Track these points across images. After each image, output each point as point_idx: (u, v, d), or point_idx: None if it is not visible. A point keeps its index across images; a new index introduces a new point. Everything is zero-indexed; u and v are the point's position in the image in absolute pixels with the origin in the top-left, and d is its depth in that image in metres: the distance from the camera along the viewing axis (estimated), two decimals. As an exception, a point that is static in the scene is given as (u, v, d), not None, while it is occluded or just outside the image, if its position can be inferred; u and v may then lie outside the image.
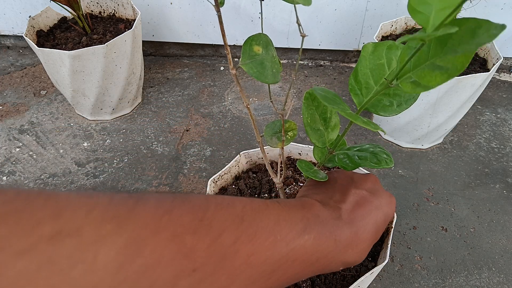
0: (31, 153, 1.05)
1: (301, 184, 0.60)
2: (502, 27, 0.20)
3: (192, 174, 0.99)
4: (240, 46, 1.42)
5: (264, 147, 0.59)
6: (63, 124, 1.15)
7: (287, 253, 0.26)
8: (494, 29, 0.20)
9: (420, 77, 0.23)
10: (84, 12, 1.16)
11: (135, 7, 1.10)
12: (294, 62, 1.46)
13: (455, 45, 0.21)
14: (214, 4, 0.24)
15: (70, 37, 1.07)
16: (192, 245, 0.22)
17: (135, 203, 0.21)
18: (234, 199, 0.27)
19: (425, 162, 1.04)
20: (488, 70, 0.96)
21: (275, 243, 0.26)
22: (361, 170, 0.61)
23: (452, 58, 0.21)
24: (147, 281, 0.19)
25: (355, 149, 0.37)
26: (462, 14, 1.12)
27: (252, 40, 0.29)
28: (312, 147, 0.64)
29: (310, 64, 1.44)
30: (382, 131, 0.26)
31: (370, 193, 0.36)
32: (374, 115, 1.18)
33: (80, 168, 1.01)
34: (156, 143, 1.09)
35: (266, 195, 0.59)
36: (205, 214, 0.23)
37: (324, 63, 1.45)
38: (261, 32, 0.31)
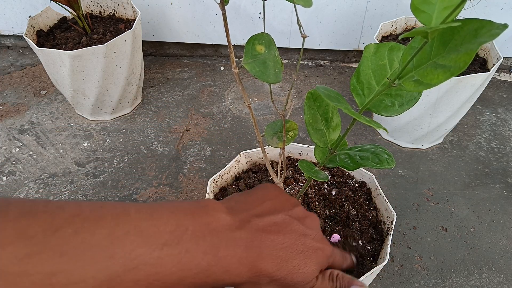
0: (31, 153, 1.05)
1: (301, 184, 0.60)
2: (504, 26, 0.20)
3: (192, 174, 0.99)
4: (240, 46, 1.42)
5: (265, 147, 0.59)
6: (63, 124, 1.15)
7: (124, 272, 0.23)
8: (496, 28, 0.20)
9: (422, 76, 0.23)
10: (84, 12, 1.16)
11: (135, 7, 1.10)
12: (295, 62, 1.46)
13: (457, 45, 0.21)
14: (218, 2, 0.24)
15: (70, 37, 1.07)
16: None
17: None
18: (69, 206, 0.23)
19: (425, 162, 1.04)
20: (488, 70, 0.96)
21: (106, 261, 0.22)
22: (362, 171, 0.61)
23: (454, 57, 0.21)
24: None
25: (356, 149, 0.37)
26: (462, 14, 1.13)
27: (255, 39, 0.29)
28: (312, 147, 0.64)
29: (310, 64, 1.44)
30: (385, 129, 0.26)
31: (300, 226, 0.33)
32: (374, 115, 1.18)
33: (80, 168, 1.01)
34: (156, 143, 1.09)
35: (266, 195, 0.58)
36: None
37: (324, 63, 1.45)
38: (261, 31, 0.31)
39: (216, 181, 0.59)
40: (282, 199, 0.35)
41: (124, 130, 1.13)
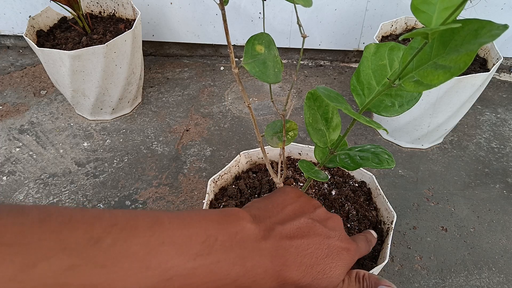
0: (31, 153, 1.05)
1: (301, 184, 0.60)
2: (505, 27, 0.20)
3: (192, 174, 0.99)
4: (240, 46, 1.42)
5: (265, 147, 0.59)
6: (63, 124, 1.15)
7: (160, 282, 0.23)
8: (497, 29, 0.20)
9: (422, 77, 0.23)
10: (84, 12, 1.16)
11: (135, 7, 1.10)
12: (295, 62, 1.46)
13: (457, 45, 0.21)
14: (218, 2, 0.24)
15: (70, 37, 1.07)
16: None
17: None
18: (105, 215, 0.23)
19: (425, 162, 1.04)
20: (488, 70, 0.96)
21: (143, 272, 0.22)
22: (362, 171, 0.61)
23: (455, 58, 0.21)
24: None
25: (356, 149, 0.37)
26: (462, 14, 1.13)
27: (255, 39, 0.29)
28: (312, 147, 0.64)
29: (310, 64, 1.44)
30: (385, 130, 0.26)
31: (324, 228, 0.32)
32: (374, 115, 1.18)
33: (80, 168, 1.01)
34: (156, 143, 1.09)
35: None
36: (26, 235, 0.19)
37: (324, 63, 1.45)
38: (261, 31, 0.31)
39: (216, 181, 0.59)
40: (303, 202, 0.35)
41: (124, 130, 1.13)
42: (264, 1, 0.27)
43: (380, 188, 0.57)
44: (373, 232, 0.46)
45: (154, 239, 0.23)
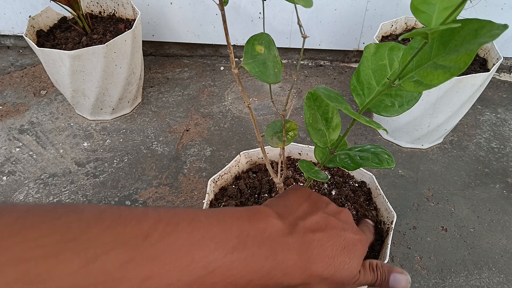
0: (31, 153, 1.05)
1: (301, 184, 0.60)
2: (504, 27, 0.20)
3: (192, 174, 0.99)
4: (240, 46, 1.42)
5: (265, 147, 0.59)
6: (63, 124, 1.15)
7: (204, 275, 0.24)
8: (496, 29, 0.20)
9: (422, 76, 0.23)
10: (84, 12, 1.16)
11: (135, 7, 1.10)
12: (295, 62, 1.46)
13: (457, 45, 0.21)
14: (218, 3, 0.24)
15: (70, 37, 1.07)
16: (45, 270, 0.19)
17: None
18: (150, 212, 0.25)
19: (425, 162, 1.04)
20: (488, 70, 0.96)
21: (189, 265, 0.24)
22: (362, 171, 0.61)
23: (454, 58, 0.21)
24: None
25: (356, 149, 0.37)
26: (462, 14, 1.13)
27: (255, 39, 0.29)
28: (312, 147, 0.64)
29: (310, 64, 1.44)
30: (385, 130, 0.26)
31: (338, 221, 0.35)
32: (374, 115, 1.18)
33: (80, 168, 1.01)
34: (156, 143, 1.09)
35: (266, 195, 0.59)
36: (85, 231, 0.21)
37: (324, 63, 1.45)
38: (261, 31, 0.31)
39: (216, 181, 0.59)
40: (315, 198, 0.37)
41: (124, 130, 1.13)
42: (264, 1, 0.27)
43: (380, 188, 0.57)
44: (368, 220, 0.48)
45: (196, 234, 0.25)
